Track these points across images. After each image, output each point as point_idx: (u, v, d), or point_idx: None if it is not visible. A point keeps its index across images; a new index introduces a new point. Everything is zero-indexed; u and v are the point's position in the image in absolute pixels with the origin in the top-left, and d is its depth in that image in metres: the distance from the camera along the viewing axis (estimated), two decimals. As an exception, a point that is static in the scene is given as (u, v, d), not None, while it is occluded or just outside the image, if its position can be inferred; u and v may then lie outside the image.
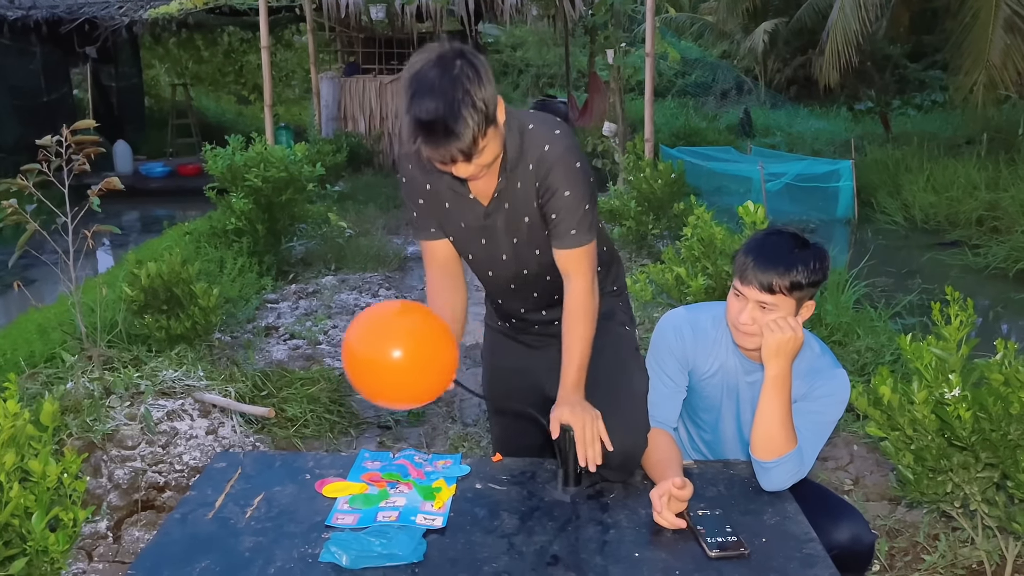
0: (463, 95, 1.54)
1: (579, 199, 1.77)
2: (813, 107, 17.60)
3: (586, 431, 1.67)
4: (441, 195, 1.85)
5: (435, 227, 1.92)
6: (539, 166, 1.75)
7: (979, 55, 8.87)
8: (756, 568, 1.47)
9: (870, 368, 3.67)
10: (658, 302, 4.17)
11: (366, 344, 1.64)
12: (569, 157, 1.75)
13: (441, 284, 1.94)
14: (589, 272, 1.83)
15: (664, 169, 6.19)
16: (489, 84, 1.59)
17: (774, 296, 1.73)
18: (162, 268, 3.73)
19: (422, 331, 1.67)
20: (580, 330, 1.79)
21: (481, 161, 1.64)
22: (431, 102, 1.53)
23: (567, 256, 1.81)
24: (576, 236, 1.79)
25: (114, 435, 2.92)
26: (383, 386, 1.67)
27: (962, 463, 2.01)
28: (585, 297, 1.81)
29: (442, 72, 1.55)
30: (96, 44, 11.47)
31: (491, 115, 1.59)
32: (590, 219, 1.80)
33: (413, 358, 1.62)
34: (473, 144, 1.57)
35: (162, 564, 1.49)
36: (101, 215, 3.42)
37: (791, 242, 1.76)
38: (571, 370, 1.78)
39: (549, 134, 1.76)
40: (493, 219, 1.83)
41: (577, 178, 1.76)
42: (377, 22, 10.84)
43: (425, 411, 3.65)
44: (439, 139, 1.56)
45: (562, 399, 1.75)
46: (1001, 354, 1.98)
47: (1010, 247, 7.17)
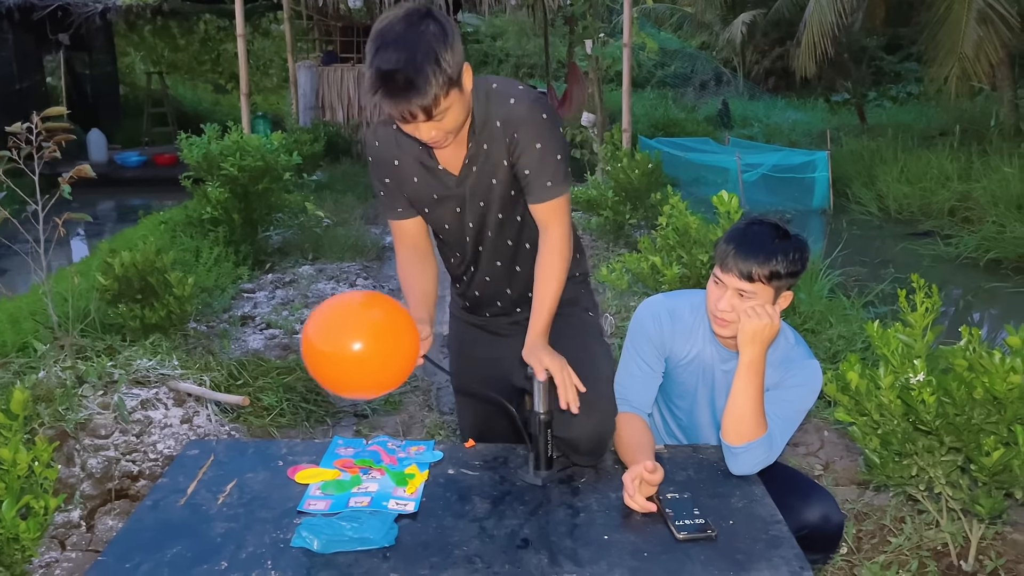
0: (427, 50, 1.53)
1: (551, 150, 1.76)
2: (791, 98, 17.72)
3: (565, 373, 1.70)
4: (409, 170, 1.85)
5: (403, 206, 1.92)
6: (507, 122, 1.74)
7: (952, 47, 8.97)
8: (723, 550, 1.50)
9: (842, 356, 3.72)
10: (634, 291, 4.20)
11: (324, 337, 1.63)
12: (536, 109, 1.74)
13: (411, 262, 1.95)
14: (566, 220, 1.83)
15: (641, 159, 6.22)
16: (456, 46, 1.57)
17: (753, 284, 1.76)
18: (136, 257, 3.71)
19: (381, 322, 1.66)
20: (553, 277, 1.80)
21: (443, 125, 1.63)
22: (394, 54, 1.52)
23: (544, 209, 1.81)
24: (552, 187, 1.78)
25: (87, 424, 2.91)
26: (343, 378, 1.67)
27: (927, 447, 2.05)
28: (562, 243, 1.81)
29: (408, 26, 1.54)
30: (69, 31, 11.31)
31: (455, 76, 1.58)
32: (564, 169, 1.79)
33: (372, 349, 1.61)
34: (434, 102, 1.56)
35: (133, 550, 1.50)
36: (74, 204, 3.39)
37: (772, 232, 1.79)
38: (541, 313, 1.79)
39: (513, 89, 1.76)
40: (464, 187, 1.83)
41: (547, 129, 1.76)
42: (355, 11, 10.76)
43: (402, 399, 3.66)
44: (399, 92, 1.54)
45: (531, 344, 1.76)
46: (965, 340, 2.01)
47: (981, 237, 7.28)
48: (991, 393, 1.88)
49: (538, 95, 1.77)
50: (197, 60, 18.12)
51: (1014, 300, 5.92)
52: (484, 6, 10.14)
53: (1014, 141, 9.46)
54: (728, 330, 1.82)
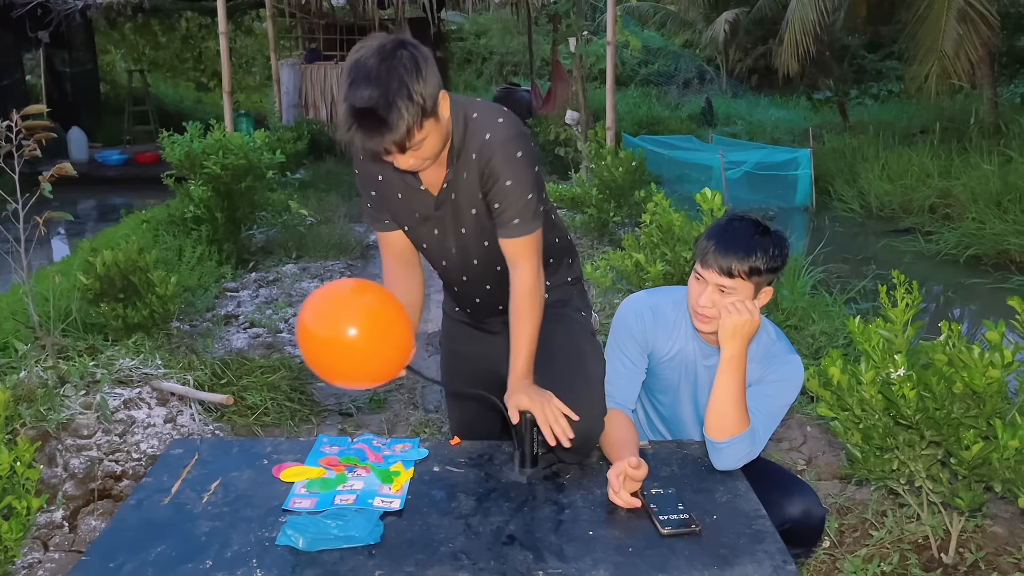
0: (399, 86, 1.53)
1: (522, 188, 1.76)
2: (773, 96, 17.81)
3: (546, 412, 1.70)
4: (393, 186, 1.85)
5: (388, 218, 1.92)
6: (481, 155, 1.74)
7: (932, 45, 9.04)
8: (707, 544, 1.51)
9: (824, 352, 3.75)
10: (618, 288, 4.21)
11: (321, 322, 1.64)
12: (511, 146, 1.73)
13: (397, 272, 1.95)
14: (535, 259, 1.83)
15: (625, 157, 6.24)
16: (430, 77, 1.57)
17: (733, 280, 1.77)
18: (118, 256, 3.68)
19: (377, 310, 1.66)
20: (527, 320, 1.80)
21: (420, 154, 1.64)
22: (366, 91, 1.52)
23: (512, 245, 1.81)
24: (520, 225, 1.78)
25: (69, 424, 2.89)
26: (338, 365, 1.66)
27: (907, 441, 2.07)
28: (531, 285, 1.81)
29: (381, 61, 1.54)
30: (49, 28, 11.19)
31: (428, 108, 1.57)
32: (533, 208, 1.79)
33: (369, 336, 1.62)
34: (407, 136, 1.56)
35: (117, 550, 1.49)
36: (55, 203, 3.36)
37: (752, 228, 1.80)
38: (520, 358, 1.80)
39: (491, 123, 1.74)
40: (443, 210, 1.83)
41: (519, 167, 1.75)
42: (338, 8, 10.74)
43: (387, 397, 3.65)
44: (372, 129, 1.55)
45: (513, 386, 1.77)
46: (945, 335, 2.04)
47: (961, 234, 7.35)
48: (970, 387, 1.90)
49: (515, 130, 1.75)
50: (179, 58, 18.00)
51: (993, 296, 5.98)
52: (468, 4, 10.13)
53: (993, 139, 9.55)
54: (709, 326, 1.84)
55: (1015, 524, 2.48)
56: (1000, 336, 1.97)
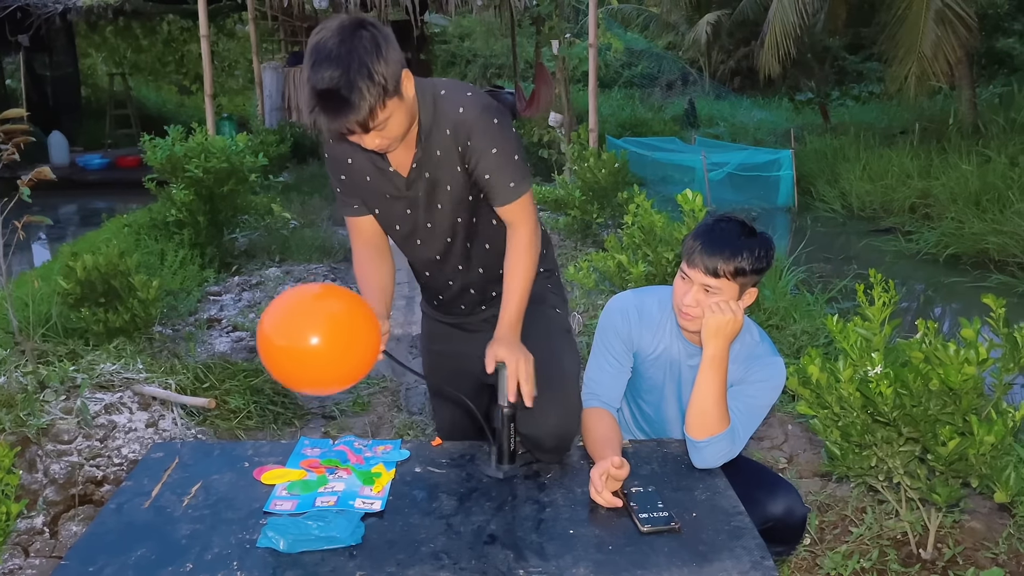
0: (359, 66, 1.53)
1: (508, 152, 1.78)
2: (756, 98, 17.94)
3: (520, 367, 1.71)
4: (363, 169, 1.86)
5: (358, 203, 1.93)
6: (457, 131, 1.75)
7: (911, 46, 9.13)
8: (686, 542, 1.52)
9: (805, 351, 3.77)
10: (601, 289, 4.23)
11: (279, 332, 1.61)
12: (486, 115, 1.75)
13: (367, 257, 1.95)
14: (533, 217, 1.85)
15: (608, 159, 6.26)
16: (391, 56, 1.57)
17: (718, 280, 1.79)
18: (99, 260, 3.66)
19: (338, 313, 1.65)
20: (522, 271, 1.81)
21: (387, 133, 1.64)
22: (327, 71, 1.53)
23: (511, 209, 1.82)
24: (515, 187, 1.80)
25: (49, 429, 2.87)
26: (301, 374, 1.65)
27: (885, 438, 2.10)
28: (529, 240, 1.83)
29: (341, 42, 1.54)
30: (29, 32, 11.11)
31: (391, 87, 1.58)
32: (523, 167, 1.81)
33: (329, 342, 1.60)
34: (370, 115, 1.57)
35: (97, 553, 1.49)
36: (35, 207, 3.34)
37: (739, 229, 1.82)
38: (511, 306, 1.80)
39: (461, 96, 1.76)
40: (415, 189, 1.84)
41: (500, 133, 1.77)
42: (321, 11, 10.71)
43: (370, 400, 3.65)
44: (334, 109, 1.55)
45: (498, 336, 1.77)
46: (921, 333, 2.06)
47: (940, 233, 7.43)
48: (946, 384, 1.92)
49: (485, 101, 1.78)
50: (160, 61, 17.90)
51: (972, 295, 6.04)
52: (451, 6, 10.13)
53: (972, 139, 9.66)
54: (693, 324, 1.85)
55: (992, 519, 2.51)
56: (975, 334, 1.99)
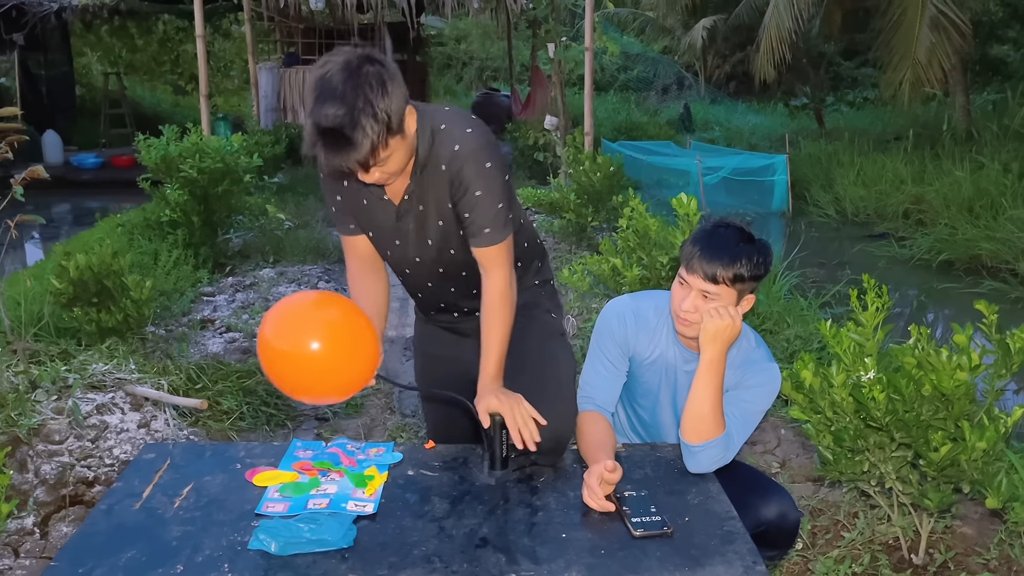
0: (364, 104, 1.52)
1: (492, 198, 1.76)
2: (751, 102, 17.98)
3: (515, 414, 1.71)
4: (358, 193, 1.85)
5: (354, 223, 1.92)
6: (451, 166, 1.74)
7: (906, 53, 9.17)
8: (678, 546, 1.52)
9: (799, 355, 3.78)
10: (595, 292, 4.23)
11: (282, 336, 1.61)
12: (480, 156, 1.74)
13: (362, 275, 1.95)
14: (506, 266, 1.83)
15: (603, 162, 6.27)
16: (396, 93, 1.57)
17: (717, 286, 1.79)
18: (92, 260, 3.65)
19: (341, 322, 1.65)
20: (498, 323, 1.81)
21: (386, 169, 1.64)
22: (331, 108, 1.52)
23: (483, 253, 1.82)
24: (491, 234, 1.79)
25: (40, 429, 2.85)
26: (301, 380, 1.65)
27: (878, 443, 2.10)
28: (502, 291, 1.82)
29: (346, 78, 1.53)
30: (24, 31, 11.07)
31: (394, 126, 1.58)
32: (504, 217, 1.79)
33: (332, 350, 1.60)
34: (371, 154, 1.57)
35: (86, 555, 1.48)
36: (28, 206, 3.33)
37: (737, 235, 1.82)
38: (491, 362, 1.80)
39: (460, 133, 1.74)
40: (405, 221, 1.84)
41: (489, 177, 1.75)
42: (317, 12, 10.70)
43: (363, 402, 3.64)
44: (337, 147, 1.55)
45: (483, 389, 1.78)
46: (914, 339, 2.07)
47: (933, 239, 7.45)
48: (939, 390, 1.93)
49: (484, 140, 1.76)
50: (156, 61, 17.85)
51: (965, 300, 6.06)
52: (447, 9, 10.13)
53: (965, 145, 9.70)
54: (691, 330, 1.85)
55: (983, 525, 2.52)
56: (968, 339, 2.00)
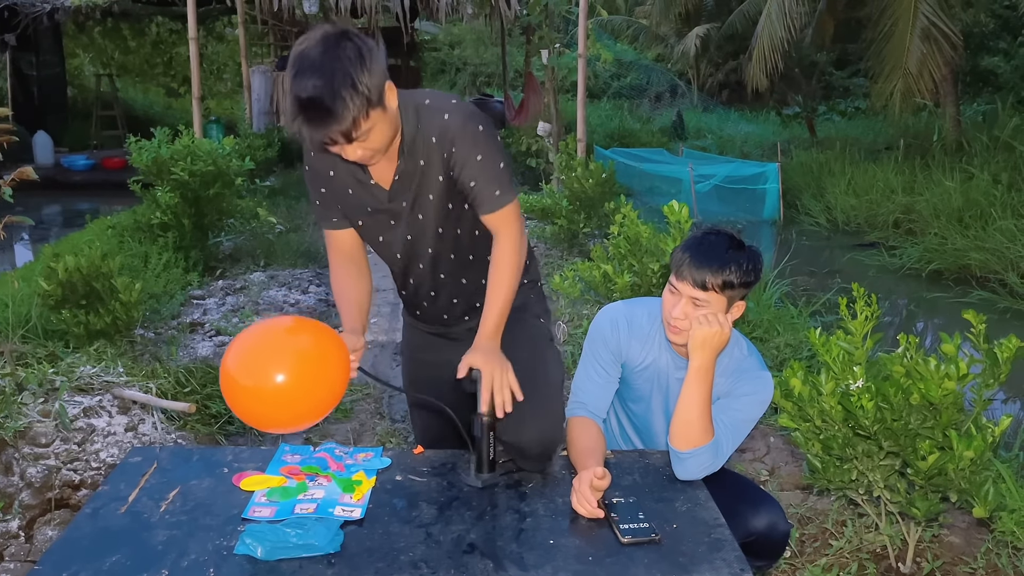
0: (343, 76, 1.53)
1: (493, 159, 1.77)
2: (743, 111, 18.07)
3: (496, 376, 1.69)
4: (344, 182, 1.85)
5: (338, 216, 1.92)
6: (442, 138, 1.74)
7: (897, 63, 9.22)
8: (666, 553, 1.52)
9: (788, 363, 3.79)
10: (586, 299, 4.23)
11: (244, 370, 1.59)
12: (471, 123, 1.75)
13: (345, 271, 1.94)
14: (517, 226, 1.83)
15: (596, 169, 6.28)
16: (375, 67, 1.57)
17: (707, 293, 1.79)
18: (81, 262, 3.63)
19: (305, 350, 1.62)
20: (505, 282, 1.80)
21: (369, 145, 1.64)
22: (311, 80, 1.52)
23: (496, 217, 1.81)
24: (500, 196, 1.79)
25: (26, 432, 2.84)
26: (268, 413, 1.63)
27: (866, 451, 2.11)
28: (513, 249, 1.82)
29: (324, 51, 1.54)
30: (16, 31, 11.05)
31: (374, 98, 1.57)
32: (508, 175, 1.81)
33: (296, 381, 1.58)
34: (353, 126, 1.56)
35: (71, 559, 1.47)
36: (18, 208, 3.31)
37: (727, 242, 1.82)
38: (491, 315, 1.79)
39: (446, 104, 1.76)
40: (397, 202, 1.83)
41: (485, 140, 1.76)
42: (311, 16, 10.71)
43: (353, 407, 3.63)
44: (318, 119, 1.55)
45: (477, 344, 1.76)
46: (903, 348, 2.08)
47: (923, 248, 7.49)
48: (927, 399, 1.94)
49: (471, 109, 1.77)
50: (148, 63, 17.82)
51: (954, 310, 6.09)
52: (441, 14, 10.15)
53: (956, 156, 9.76)
54: (681, 337, 1.85)
55: (971, 534, 2.53)
56: (956, 349, 2.01)
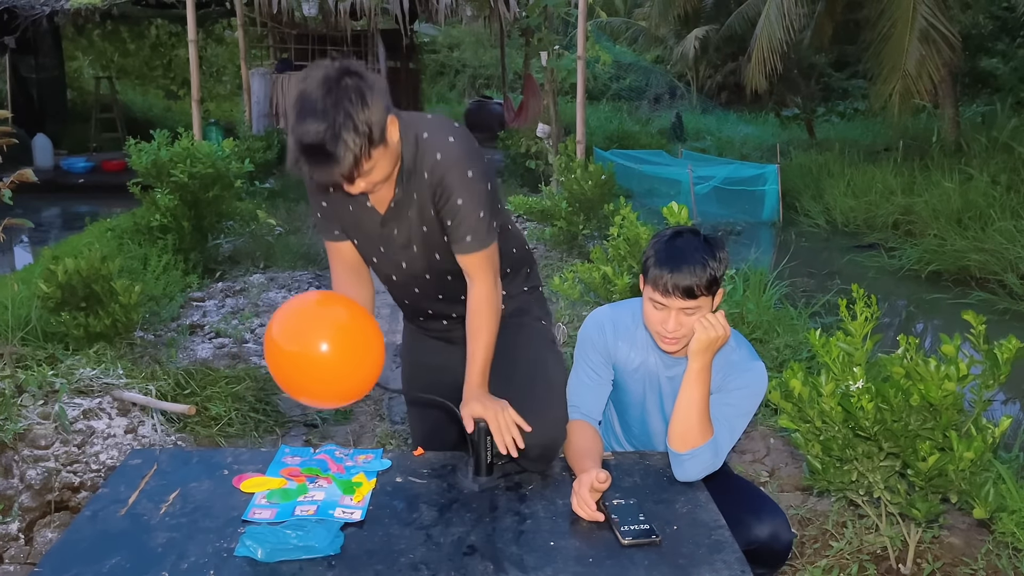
0: (344, 118, 1.52)
1: (473, 206, 1.76)
2: (742, 112, 18.07)
3: (499, 420, 1.71)
4: (343, 199, 1.85)
5: (339, 229, 1.92)
6: (433, 174, 1.74)
7: (896, 64, 9.22)
8: (666, 554, 1.52)
9: (788, 364, 3.79)
10: (586, 300, 4.23)
11: (292, 337, 1.62)
12: (462, 164, 1.74)
13: (347, 280, 1.95)
14: (490, 273, 1.84)
15: (595, 171, 6.28)
16: (376, 104, 1.57)
17: (697, 300, 1.78)
18: (80, 264, 3.63)
19: (351, 324, 1.66)
20: (483, 330, 1.81)
21: (371, 179, 1.65)
22: (312, 124, 1.53)
23: (467, 260, 1.82)
24: (472, 242, 1.79)
25: (26, 434, 2.83)
26: (310, 383, 1.65)
27: (866, 452, 2.10)
28: (487, 298, 1.82)
29: (326, 93, 1.54)
30: (15, 34, 11.04)
31: (376, 137, 1.58)
32: (486, 225, 1.79)
33: (342, 352, 1.61)
34: (355, 167, 1.57)
35: (70, 561, 1.47)
36: (18, 210, 3.31)
37: (694, 242, 1.80)
38: (475, 368, 1.80)
39: (443, 142, 1.74)
40: (389, 228, 1.84)
41: (470, 185, 1.75)
42: (310, 18, 10.72)
43: (352, 409, 3.63)
44: (320, 163, 1.56)
45: (468, 396, 1.78)
46: (903, 349, 2.07)
47: (922, 250, 7.49)
48: (927, 400, 1.93)
49: (465, 148, 1.75)
50: (148, 65, 17.82)
51: (953, 311, 6.09)
52: (440, 16, 10.15)
53: (954, 157, 9.76)
54: (678, 345, 1.84)
55: (971, 535, 2.53)
56: (956, 350, 2.01)
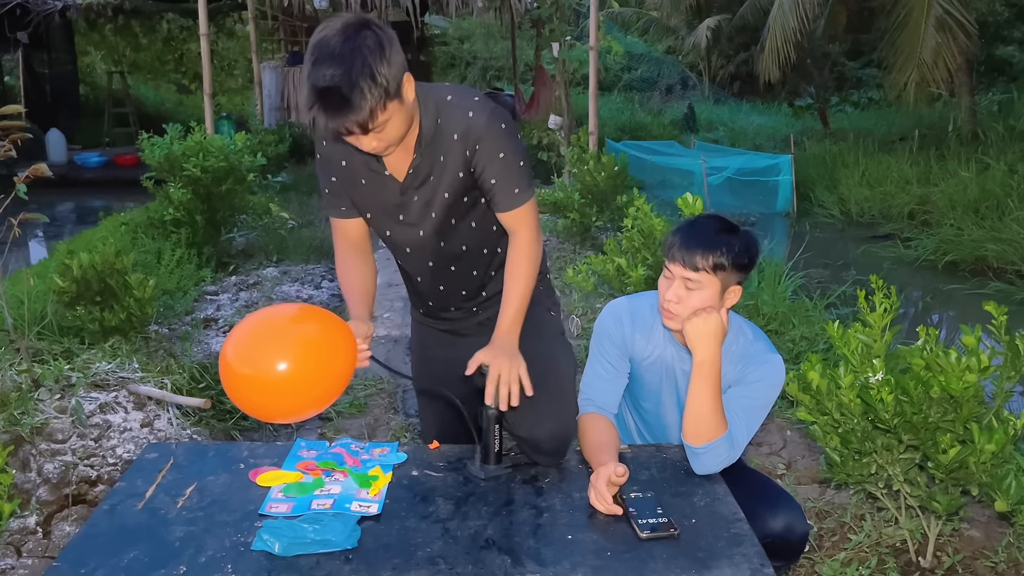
0: (362, 65, 1.51)
1: (515, 158, 1.77)
2: (755, 103, 17.97)
3: (502, 372, 1.69)
4: (357, 172, 1.84)
5: (347, 205, 1.91)
6: (466, 136, 1.74)
7: (911, 53, 9.14)
8: (685, 548, 1.51)
9: (804, 356, 3.76)
10: (600, 292, 4.22)
11: (244, 358, 1.56)
12: (496, 120, 1.75)
13: (351, 259, 1.94)
14: (534, 223, 1.85)
15: (607, 162, 6.25)
16: (394, 58, 1.56)
17: (698, 273, 1.78)
18: (95, 259, 3.64)
19: (310, 338, 1.60)
20: (521, 277, 1.81)
21: (384, 136, 1.62)
22: (329, 69, 1.51)
23: (513, 216, 1.82)
24: (520, 194, 1.80)
25: (43, 428, 2.85)
26: (268, 404, 1.60)
27: (885, 445, 2.09)
28: (530, 245, 1.83)
29: (344, 41, 1.52)
30: (28, 29, 11.10)
31: (392, 90, 1.56)
32: (528, 174, 1.81)
33: (299, 370, 1.55)
34: (370, 117, 1.55)
35: (89, 555, 1.47)
36: (32, 205, 3.32)
37: (717, 225, 1.82)
38: (508, 312, 1.79)
39: (469, 101, 1.75)
40: (409, 195, 1.82)
41: (508, 139, 1.76)
42: (321, 11, 10.69)
43: (367, 401, 3.63)
44: (334, 108, 1.53)
45: (493, 341, 1.76)
46: (922, 340, 2.05)
47: (939, 240, 7.42)
48: (947, 392, 1.91)
49: (494, 106, 1.77)
50: (160, 60, 17.88)
51: (971, 301, 6.04)
52: (451, 8, 10.12)
53: (971, 146, 9.67)
54: (674, 322, 1.84)
55: (992, 528, 2.50)
56: (977, 341, 1.98)
